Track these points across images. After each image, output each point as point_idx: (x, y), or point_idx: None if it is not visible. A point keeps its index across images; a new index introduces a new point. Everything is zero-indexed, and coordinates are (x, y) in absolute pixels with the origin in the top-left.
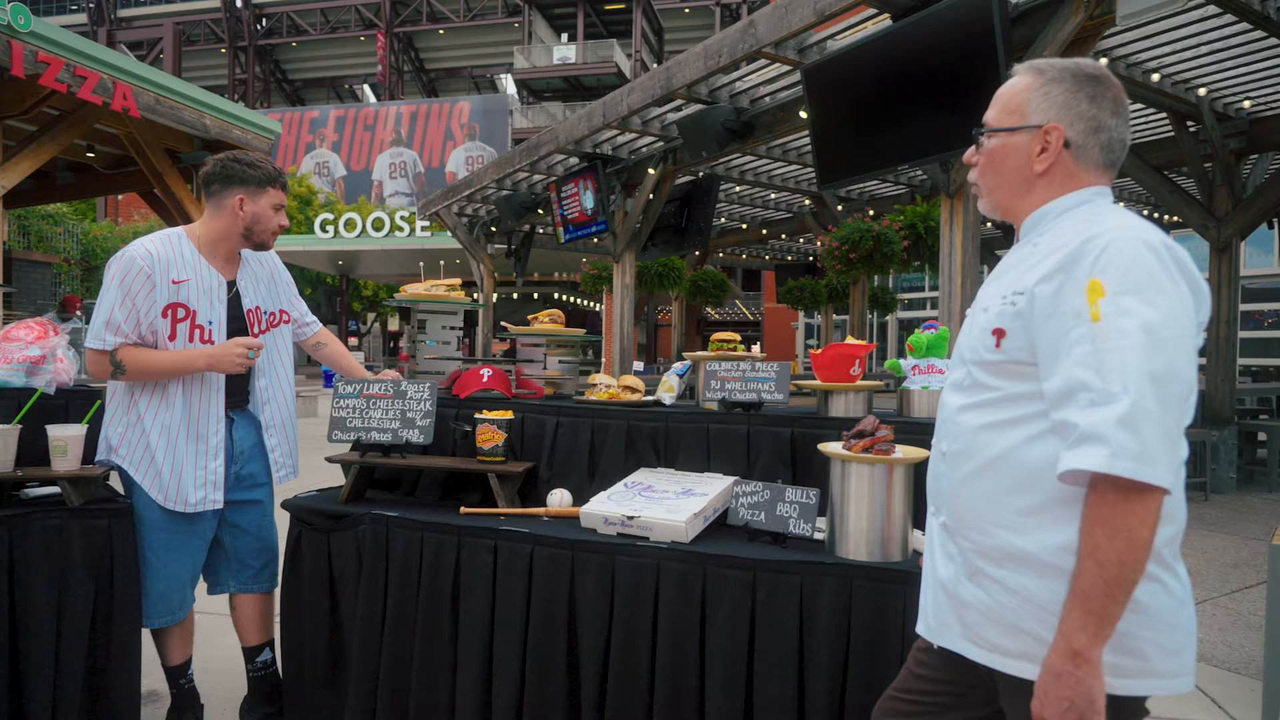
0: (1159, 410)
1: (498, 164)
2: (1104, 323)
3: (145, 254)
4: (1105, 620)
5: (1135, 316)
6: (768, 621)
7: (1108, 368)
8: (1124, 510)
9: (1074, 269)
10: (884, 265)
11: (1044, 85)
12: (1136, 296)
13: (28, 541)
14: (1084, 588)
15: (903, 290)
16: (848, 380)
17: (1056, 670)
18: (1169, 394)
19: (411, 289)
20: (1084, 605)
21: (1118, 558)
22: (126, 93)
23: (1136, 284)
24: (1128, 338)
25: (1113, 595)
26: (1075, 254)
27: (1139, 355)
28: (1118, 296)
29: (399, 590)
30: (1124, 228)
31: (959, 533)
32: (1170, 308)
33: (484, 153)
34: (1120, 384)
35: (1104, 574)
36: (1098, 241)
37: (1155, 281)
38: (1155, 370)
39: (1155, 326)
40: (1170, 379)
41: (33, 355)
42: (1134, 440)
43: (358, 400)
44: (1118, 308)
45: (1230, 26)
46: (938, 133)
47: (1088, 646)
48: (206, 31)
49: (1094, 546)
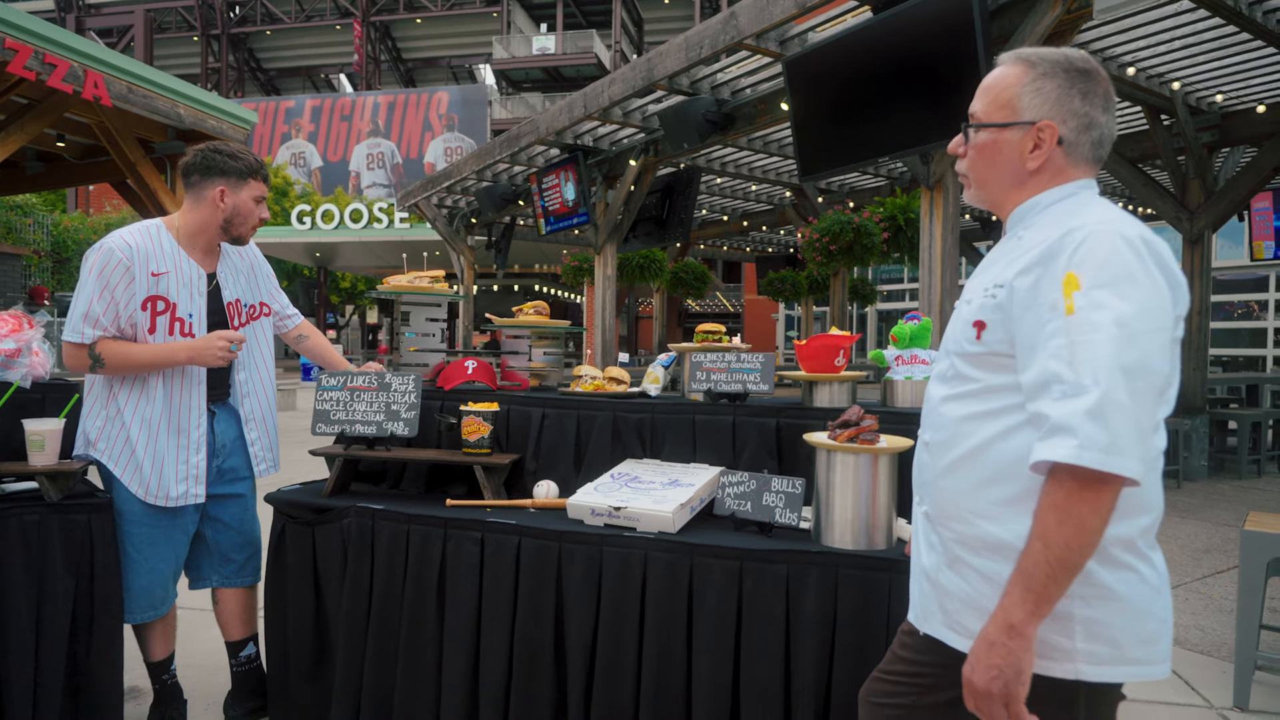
0: (1130, 402)
1: (478, 155)
2: (1078, 315)
3: (124, 245)
4: (1044, 600)
5: (1108, 310)
6: (754, 610)
7: (1080, 360)
8: (1079, 499)
9: (1052, 262)
10: (864, 257)
11: (1036, 80)
12: (1110, 290)
13: (5, 537)
14: (1028, 567)
15: (882, 282)
16: (832, 371)
17: (991, 639)
18: (1140, 386)
19: (394, 281)
20: (1025, 583)
21: (1065, 543)
22: (98, 81)
23: (1111, 277)
24: (1100, 330)
25: (1055, 578)
26: (1053, 248)
27: (1111, 348)
28: (1092, 290)
29: (384, 583)
30: (1102, 221)
31: (940, 522)
32: (1144, 301)
33: (463, 144)
34: (1091, 376)
35: (1049, 556)
36: (1075, 235)
37: (1130, 275)
38: (1127, 363)
39: (1128, 319)
40: (1142, 372)
41: (7, 349)
42: (1102, 431)
43: (341, 393)
44: (1092, 301)
45: (1204, 21)
46: (918, 125)
47: (1024, 622)
48: (178, 19)
49: (1044, 529)
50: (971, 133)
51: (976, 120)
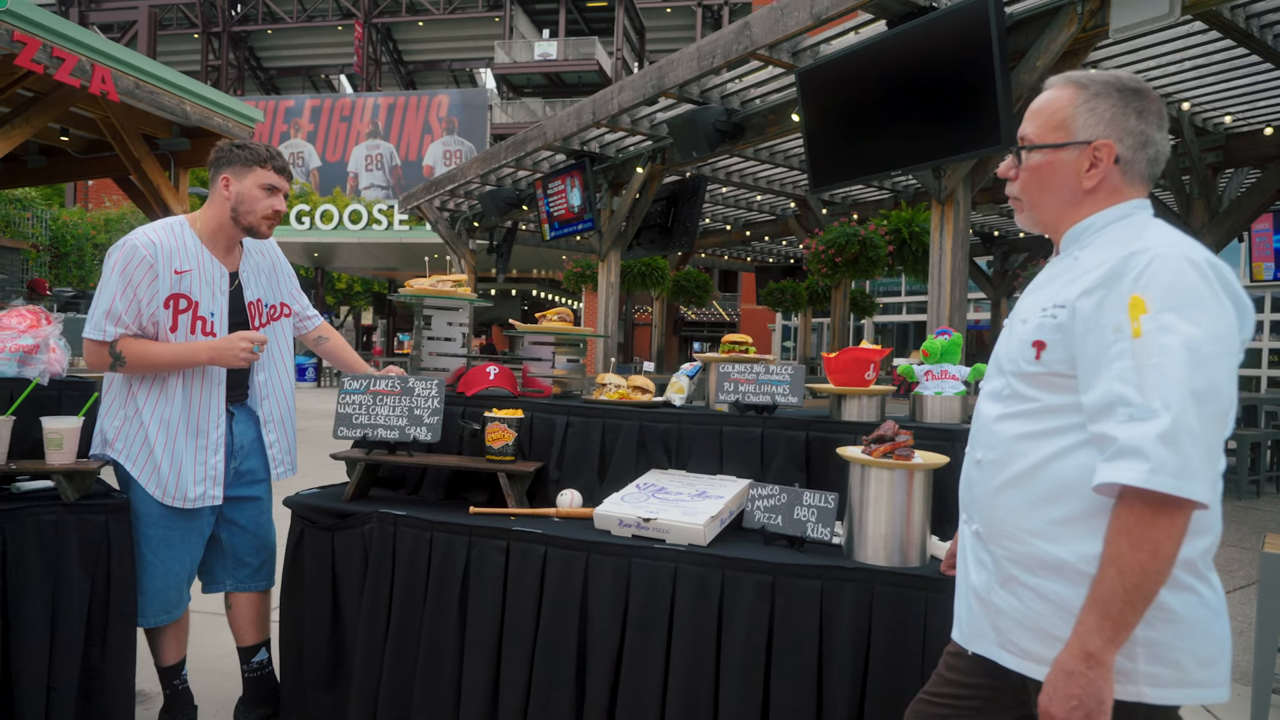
0: (1200, 427)
1: (482, 159)
2: (1146, 339)
3: (148, 243)
4: (1122, 627)
5: (1177, 334)
6: (786, 627)
7: (1149, 384)
8: (1151, 523)
9: (1116, 284)
10: (869, 269)
11: (1089, 100)
12: (1179, 314)
13: (21, 537)
14: (1104, 594)
15: (879, 294)
16: (862, 384)
17: (1069, 669)
18: (1210, 411)
19: (417, 284)
20: (1102, 610)
21: (1140, 568)
22: (105, 76)
23: (1179, 301)
24: (1170, 354)
25: (1132, 603)
26: (1118, 269)
27: (1181, 372)
28: (1160, 313)
29: (405, 590)
30: (1167, 244)
31: (992, 540)
32: (1213, 325)
33: (462, 147)
34: (1161, 400)
35: (1125, 582)
36: (1141, 257)
37: (1198, 298)
38: (1197, 387)
39: (1197, 343)
40: (1212, 396)
41: (25, 344)
42: (1174, 456)
43: (364, 396)
44: (1160, 324)
45: (1216, 43)
46: (932, 139)
47: (1102, 650)
48: (180, 16)
49: (1117, 554)
50: (1024, 155)
51: (1029, 142)
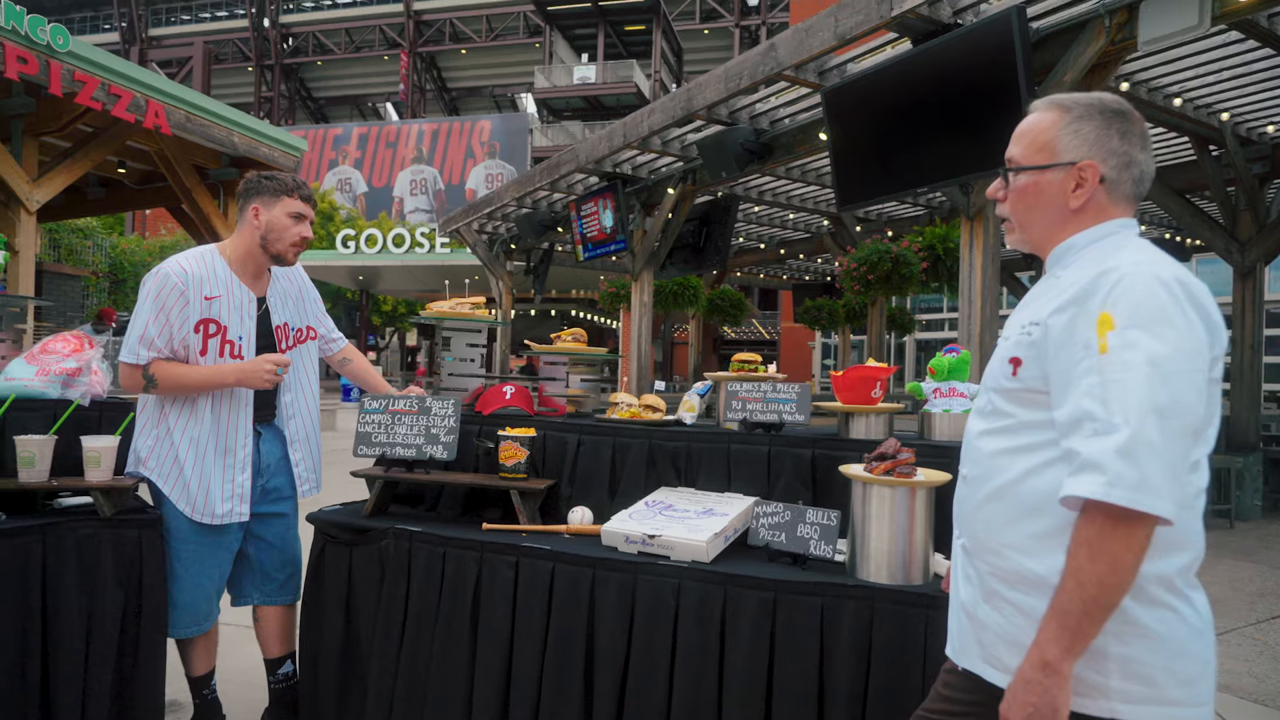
0: (1162, 442)
1: (518, 182)
2: (1111, 355)
3: (179, 271)
4: (1080, 637)
5: (1141, 350)
6: (788, 643)
7: (1112, 399)
8: (1110, 536)
9: (1087, 302)
10: (902, 287)
11: (1073, 122)
12: (1144, 330)
13: (60, 550)
14: (1063, 604)
15: (921, 311)
16: (869, 402)
17: (1026, 677)
18: (1174, 426)
19: (436, 307)
20: (1060, 620)
21: (1099, 580)
22: (159, 110)
23: (1146, 318)
24: (1133, 370)
25: (1090, 614)
26: (1089, 287)
27: (1143, 388)
28: (1126, 330)
29: (419, 605)
30: (1138, 263)
31: (977, 555)
32: (1178, 341)
33: (504, 170)
34: (1122, 415)
35: (1083, 594)
36: (1111, 276)
37: (1164, 315)
38: (1160, 403)
39: (1161, 359)
40: (1176, 411)
41: (69, 367)
42: (1131, 470)
43: (383, 416)
44: (1125, 341)
45: (1253, 52)
46: (958, 156)
47: (1059, 659)
48: (234, 50)
49: (1077, 567)
50: (1011, 176)
51: (1015, 164)
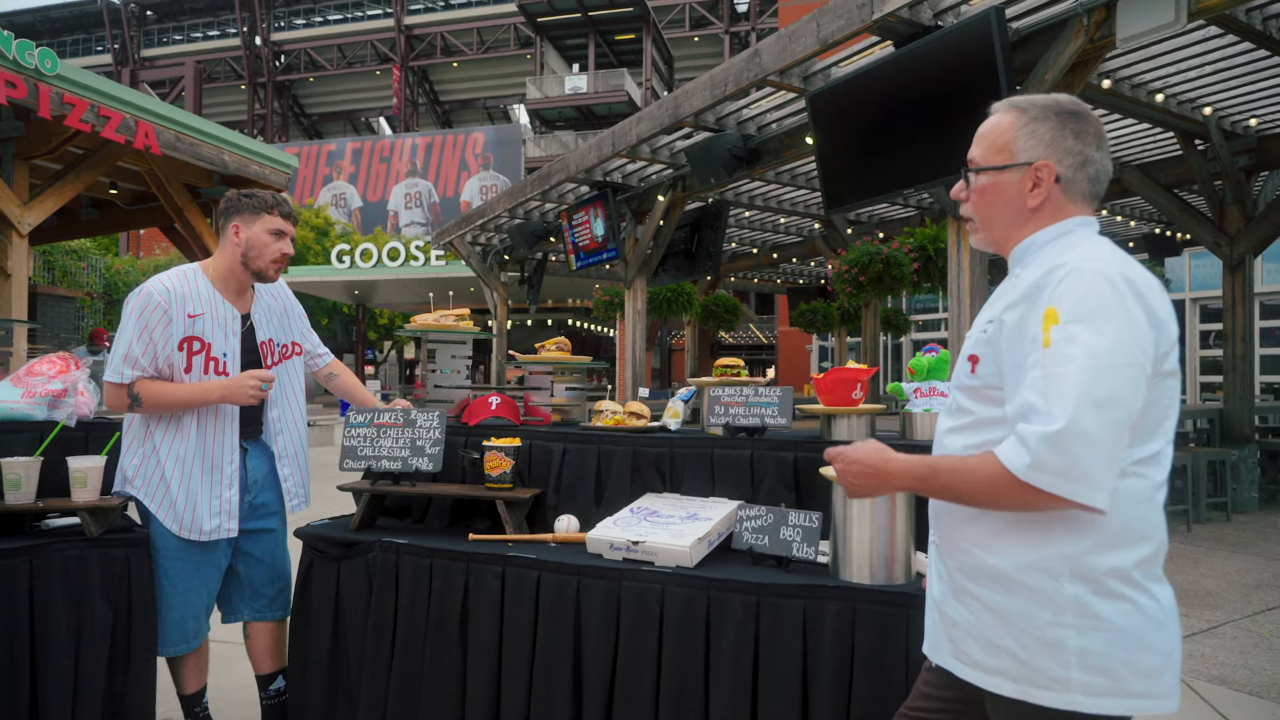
0: (1099, 432)
1: (510, 194)
2: (1053, 349)
3: (162, 289)
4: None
5: (1081, 343)
6: (772, 645)
7: (1051, 391)
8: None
9: (1036, 298)
10: (894, 288)
11: (1029, 123)
12: (1085, 324)
13: (48, 571)
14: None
15: (916, 312)
16: (849, 404)
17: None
18: (1110, 418)
19: (421, 319)
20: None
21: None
22: (148, 131)
23: (1087, 312)
24: (1073, 363)
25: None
26: (1039, 283)
27: (1079, 379)
28: (1068, 324)
29: (408, 616)
30: (1086, 258)
31: (945, 552)
32: (1119, 335)
33: (498, 181)
34: (1060, 407)
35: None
36: (1059, 272)
37: (1106, 310)
38: (1097, 395)
39: (1100, 352)
40: (1113, 404)
41: (55, 389)
42: (1057, 457)
43: (368, 429)
44: (1066, 335)
45: (1233, 46)
46: (942, 156)
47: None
48: (227, 69)
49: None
50: (972, 177)
51: (975, 165)
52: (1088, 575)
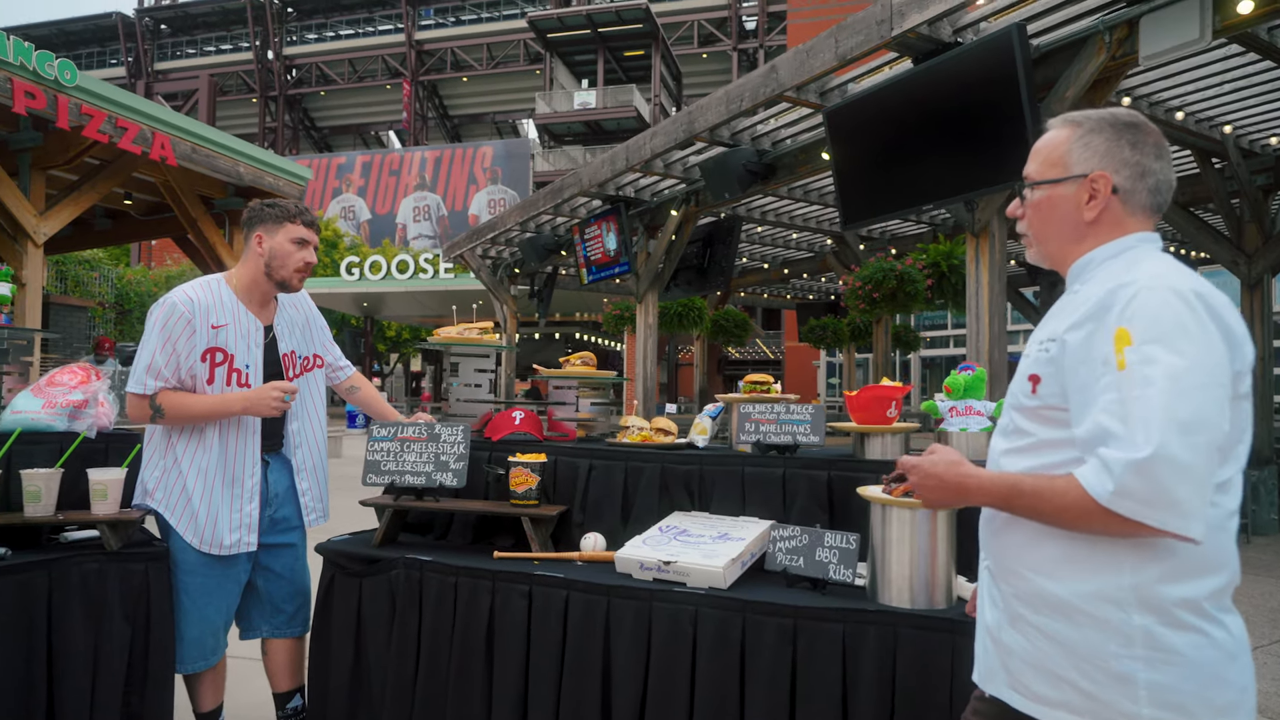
0: (1189, 458)
1: (522, 207)
2: (1130, 371)
3: (186, 300)
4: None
5: (1160, 364)
6: (809, 671)
7: (1133, 417)
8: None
9: (1104, 317)
10: (907, 304)
11: (1083, 136)
12: (1163, 345)
13: (66, 585)
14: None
15: (925, 328)
16: (884, 422)
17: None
18: (1198, 442)
19: (444, 332)
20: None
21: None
22: (165, 142)
23: (1163, 332)
24: (1153, 385)
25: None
26: (1105, 302)
27: (1163, 403)
28: (1143, 345)
29: (432, 635)
30: (1154, 275)
31: (1000, 578)
32: (1199, 355)
33: (506, 195)
34: (1144, 433)
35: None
36: (1127, 290)
37: (1183, 329)
38: (1182, 419)
39: (1181, 374)
40: (1199, 427)
41: (75, 400)
42: (1144, 485)
43: (392, 444)
44: (1143, 356)
45: (1254, 65)
46: (962, 172)
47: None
48: (239, 82)
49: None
50: (1027, 192)
51: (1030, 180)
52: (1157, 605)
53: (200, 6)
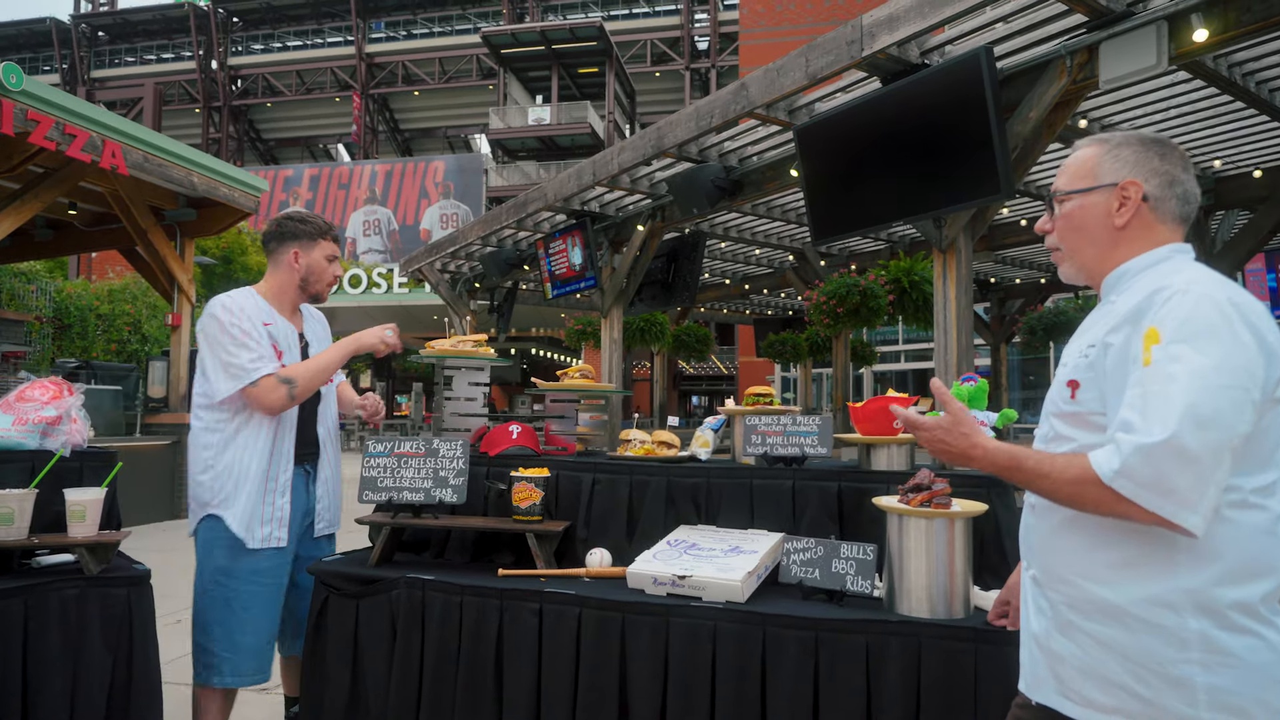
0: (1196, 450)
1: (483, 221)
2: (1153, 367)
3: (230, 303)
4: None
5: (1184, 363)
6: (832, 685)
7: (1150, 409)
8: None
9: (1140, 320)
10: (870, 319)
11: (1113, 149)
12: (1189, 344)
13: (43, 613)
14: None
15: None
16: (890, 433)
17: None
18: (1211, 439)
19: (438, 344)
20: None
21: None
22: (115, 150)
23: (1191, 333)
24: (1174, 382)
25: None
26: (1142, 306)
27: (1183, 398)
28: (1171, 344)
29: (436, 656)
30: (1191, 281)
31: (1049, 585)
32: (1225, 357)
33: (459, 210)
34: (1160, 423)
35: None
36: (1163, 293)
37: (1212, 331)
38: (1200, 415)
39: (1204, 372)
40: (1215, 425)
41: (48, 416)
42: (1147, 468)
43: (389, 459)
44: (1169, 354)
45: (1200, 91)
46: (932, 190)
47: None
48: (181, 92)
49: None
50: (1057, 205)
51: (1060, 192)
52: (1212, 609)
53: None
